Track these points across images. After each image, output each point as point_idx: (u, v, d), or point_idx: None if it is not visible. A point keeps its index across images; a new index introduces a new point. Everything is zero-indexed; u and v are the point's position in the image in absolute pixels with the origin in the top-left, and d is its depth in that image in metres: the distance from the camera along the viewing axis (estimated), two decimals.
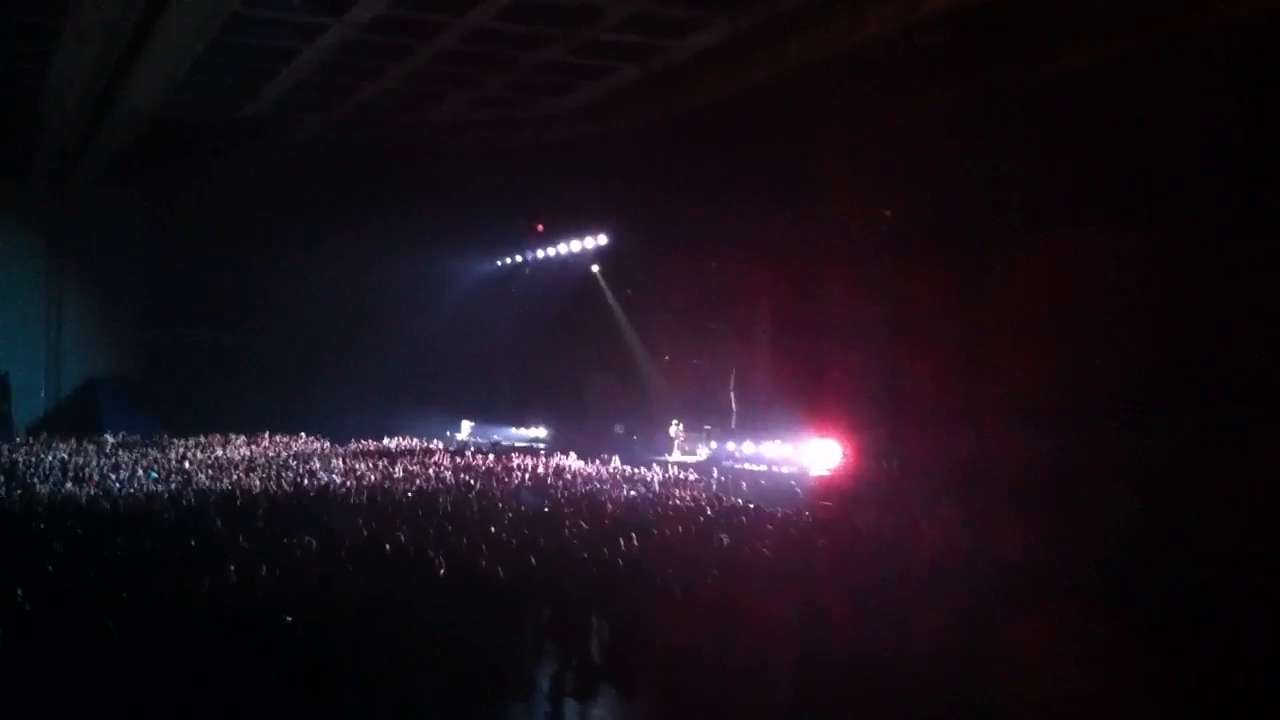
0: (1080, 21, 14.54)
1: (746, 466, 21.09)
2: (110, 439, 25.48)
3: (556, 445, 25.04)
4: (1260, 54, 13.26)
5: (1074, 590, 9.54)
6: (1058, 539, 11.55)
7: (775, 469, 20.31)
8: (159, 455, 22.43)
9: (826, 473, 18.45)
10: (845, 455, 18.44)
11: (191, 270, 30.49)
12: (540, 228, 29.22)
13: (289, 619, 8.65)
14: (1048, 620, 8.84)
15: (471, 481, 18.82)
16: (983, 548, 11.36)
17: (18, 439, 26.00)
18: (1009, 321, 15.81)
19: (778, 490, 17.96)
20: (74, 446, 23.77)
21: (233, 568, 10.02)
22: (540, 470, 20.25)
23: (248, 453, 23.60)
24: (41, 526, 13.08)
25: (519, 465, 21.01)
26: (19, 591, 8.62)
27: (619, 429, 25.10)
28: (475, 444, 27.84)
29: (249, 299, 30.54)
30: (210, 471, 20.06)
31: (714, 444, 23.13)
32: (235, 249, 29.90)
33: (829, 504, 16.05)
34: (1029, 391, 15.07)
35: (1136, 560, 10.74)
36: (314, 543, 11.56)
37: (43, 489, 17.78)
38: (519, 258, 30.30)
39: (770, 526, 13.43)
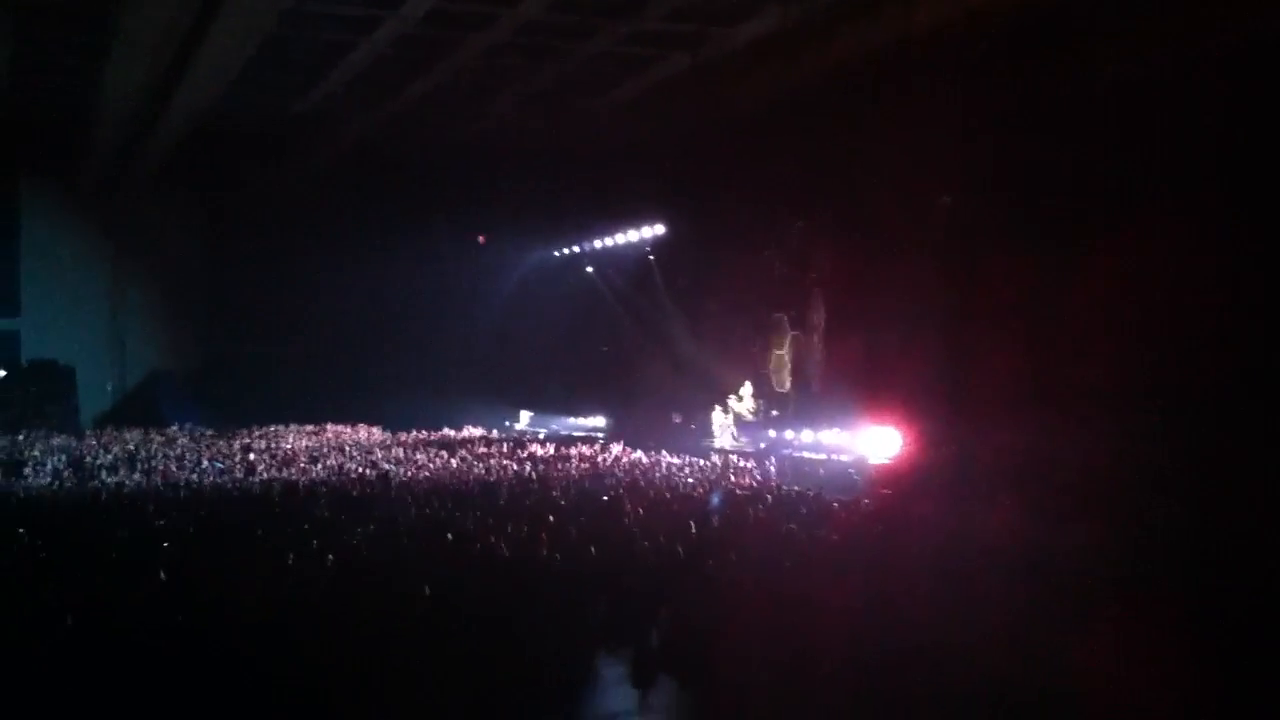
0: (1152, 22, 14.30)
1: (804, 455, 21.01)
2: (176, 431, 25.86)
3: (614, 434, 25.07)
4: None
5: (1138, 586, 9.42)
6: (1121, 534, 11.40)
7: (834, 457, 20.21)
8: (223, 446, 22.74)
9: (886, 461, 18.32)
10: (905, 443, 18.29)
11: (249, 263, 30.85)
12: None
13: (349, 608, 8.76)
14: (1110, 615, 8.74)
15: (530, 471, 18.98)
16: (1044, 540, 11.25)
17: (86, 431, 26.43)
18: (1077, 311, 15.59)
19: (836, 479, 17.89)
20: (140, 438, 24.14)
21: (291, 557, 10.18)
22: (600, 460, 20.34)
23: (308, 443, 23.87)
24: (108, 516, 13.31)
25: (578, 454, 21.11)
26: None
27: (677, 418, 25.07)
28: (533, 433, 27.97)
29: (307, 293, 30.77)
30: (272, 461, 20.31)
31: (771, 431, 23.05)
32: (293, 244, 30.24)
33: (888, 492, 15.97)
34: (1097, 382, 14.86)
35: (1203, 559, 10.56)
36: (374, 529, 11.70)
37: (110, 480, 18.12)
38: (576, 248, 30.30)
39: (831, 514, 13.42)
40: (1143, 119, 14.70)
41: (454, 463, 20.25)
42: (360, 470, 19.32)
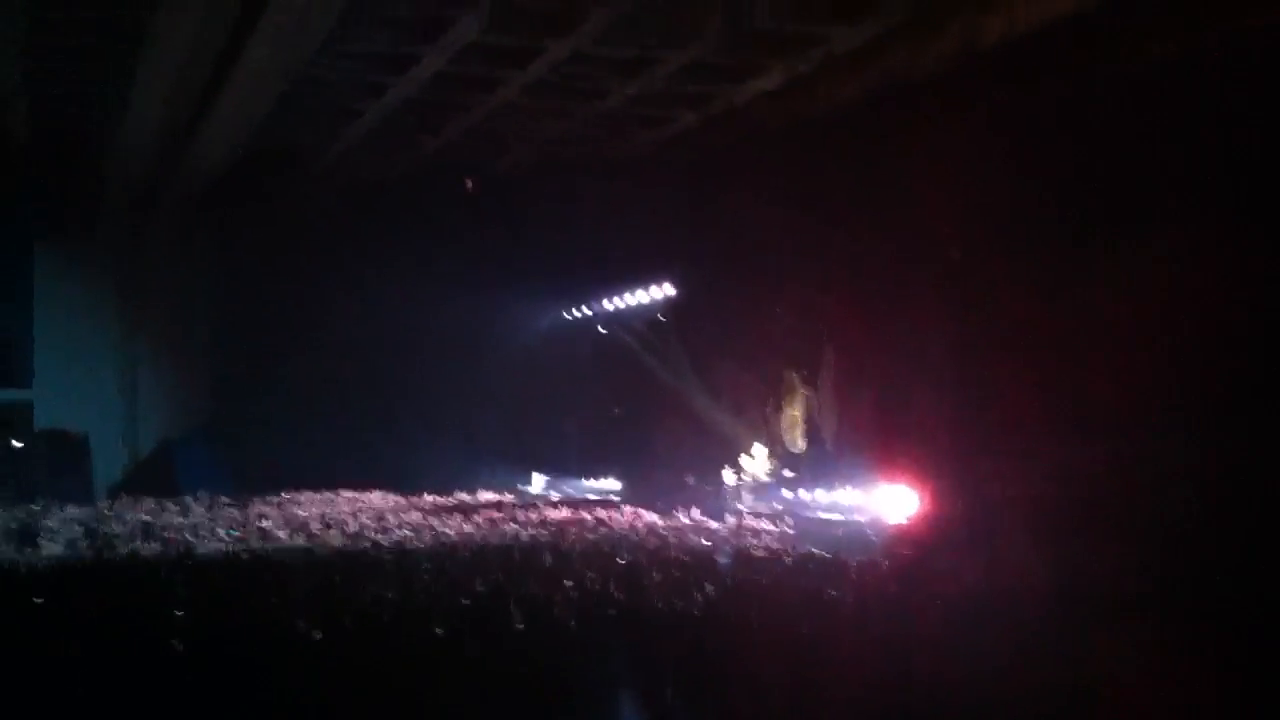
0: (1149, 23, 14.30)
1: (820, 515, 20.91)
2: (190, 500, 25.79)
3: (629, 497, 24.98)
4: None
5: (1173, 609, 9.34)
6: (1150, 557, 11.29)
7: (850, 517, 20.11)
8: (237, 514, 22.68)
9: (904, 520, 18.21)
10: (922, 502, 18.18)
11: (261, 321, 30.80)
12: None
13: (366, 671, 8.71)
14: (1144, 644, 8.65)
15: (544, 535, 18.94)
16: (1072, 571, 11.17)
17: (99, 503, 26.36)
18: (1092, 342, 15.49)
19: (853, 539, 17.78)
20: (154, 507, 24.09)
21: (300, 622, 10.16)
22: (615, 523, 20.28)
23: (323, 510, 23.81)
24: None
25: (593, 517, 21.05)
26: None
27: (690, 479, 24.97)
28: (547, 496, 27.87)
29: (319, 356, 30.72)
30: (287, 529, 20.26)
31: (786, 491, 22.95)
32: (302, 299, 30.16)
33: (906, 552, 15.86)
34: (1120, 412, 14.72)
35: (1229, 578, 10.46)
36: (390, 595, 11.65)
37: (124, 550, 18.08)
38: (587, 309, 30.35)
39: (848, 575, 13.34)
40: (1149, 136, 14.66)
41: (469, 528, 20.18)
42: (373, 535, 19.29)
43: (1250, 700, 7.74)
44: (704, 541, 17.54)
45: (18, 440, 29.67)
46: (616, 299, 28.97)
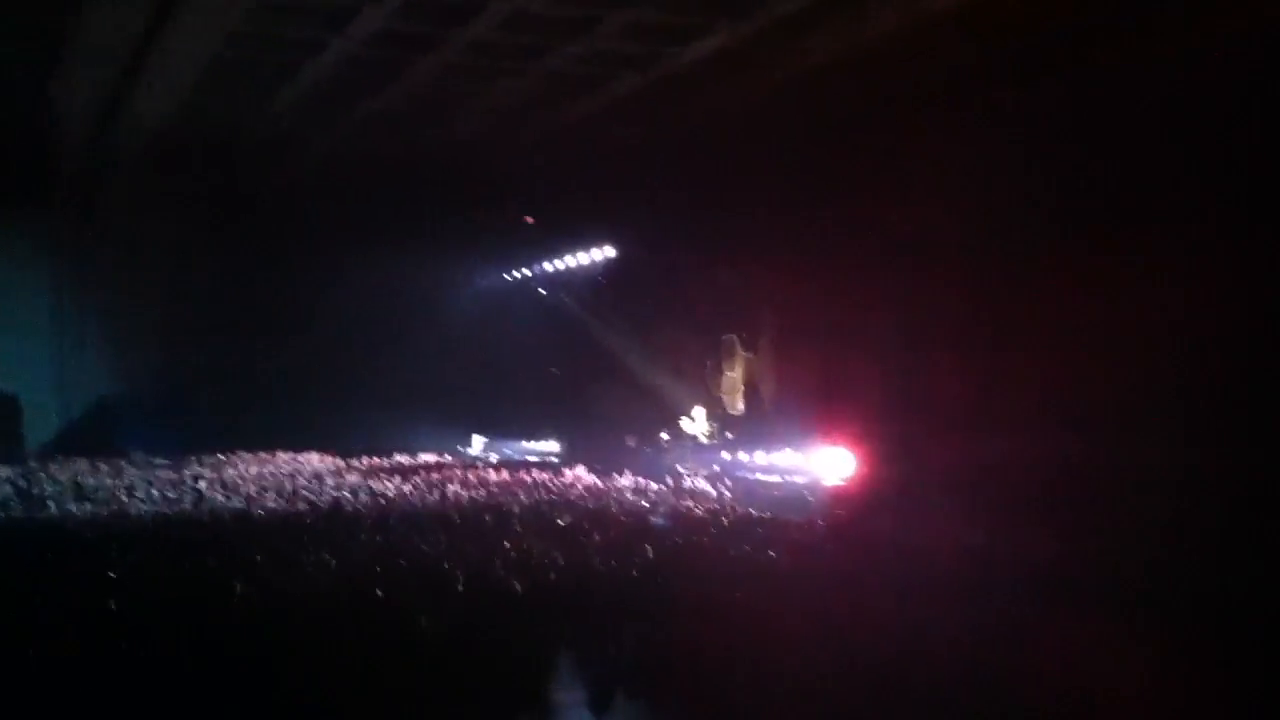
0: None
1: (758, 477, 21.07)
2: (123, 461, 25.48)
3: (569, 459, 25.02)
4: None
5: (1099, 597, 9.54)
6: (1082, 544, 11.52)
7: (787, 478, 20.28)
8: (172, 475, 22.45)
9: (840, 482, 18.40)
10: (859, 464, 18.38)
11: (196, 289, 30.55)
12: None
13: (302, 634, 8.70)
14: (1069, 626, 8.84)
15: (484, 496, 18.94)
16: (1002, 552, 11.36)
17: (30, 462, 26.00)
18: (1031, 325, 15.72)
19: (791, 500, 17.94)
20: (87, 468, 23.79)
21: (238, 586, 10.12)
22: (555, 485, 20.31)
23: (260, 470, 23.62)
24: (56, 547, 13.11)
25: (534, 480, 21.06)
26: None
27: (630, 441, 25.06)
28: (487, 458, 27.85)
29: (255, 318, 30.49)
30: (223, 490, 20.08)
31: (725, 453, 23.09)
32: (242, 269, 30.03)
33: (842, 513, 16.04)
34: (1052, 396, 14.99)
35: (1166, 566, 10.69)
36: (331, 559, 11.61)
37: (57, 510, 17.87)
38: (527, 270, 30.28)
39: (785, 535, 13.49)
40: (1106, 129, 14.79)
41: (408, 489, 20.11)
42: (312, 497, 19.15)
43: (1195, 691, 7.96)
44: (643, 503, 17.61)
45: None
46: (557, 261, 28.91)
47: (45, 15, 18.20)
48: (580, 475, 21.38)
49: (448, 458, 27.40)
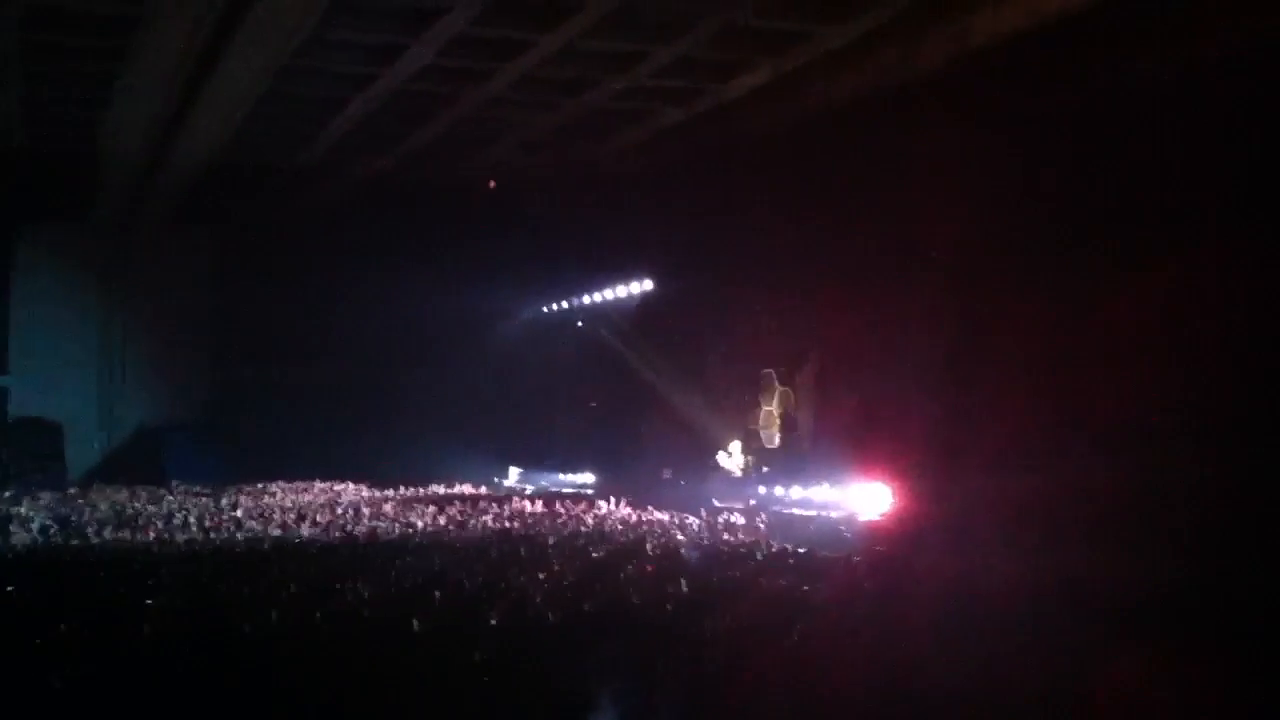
0: (1151, 28, 14.26)
1: (794, 511, 20.94)
2: (163, 489, 25.70)
3: (604, 491, 24.97)
4: None
5: (1158, 622, 9.41)
6: (1139, 570, 11.36)
7: (824, 513, 20.14)
8: (210, 503, 22.60)
9: (878, 517, 18.26)
10: (897, 498, 18.24)
11: (247, 313, 30.84)
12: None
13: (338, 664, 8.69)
14: (1128, 652, 8.72)
15: (519, 527, 18.94)
16: (1052, 582, 11.21)
17: (71, 490, 26.26)
18: (1078, 358, 15.53)
19: (827, 535, 17.82)
20: (127, 496, 24.00)
21: (274, 613, 10.15)
22: (591, 518, 20.28)
23: (296, 500, 23.74)
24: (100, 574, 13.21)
25: (569, 512, 21.04)
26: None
27: (667, 474, 25.00)
28: (522, 489, 27.86)
29: (299, 342, 30.79)
30: (260, 519, 20.18)
31: (761, 487, 22.97)
32: (288, 292, 30.29)
33: (880, 548, 15.90)
34: (1097, 427, 14.78)
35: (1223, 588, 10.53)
36: (365, 590, 11.61)
37: (96, 539, 18.00)
38: (565, 303, 30.35)
39: (821, 570, 13.39)
40: (1146, 146, 14.64)
41: (443, 520, 20.14)
42: (347, 526, 19.23)
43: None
44: (678, 536, 17.54)
45: None
46: (596, 294, 28.97)
47: (101, 44, 18.46)
48: (615, 508, 21.34)
49: (483, 489, 27.43)
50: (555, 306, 30.91)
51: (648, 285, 26.76)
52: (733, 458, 23.91)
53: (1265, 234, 13.42)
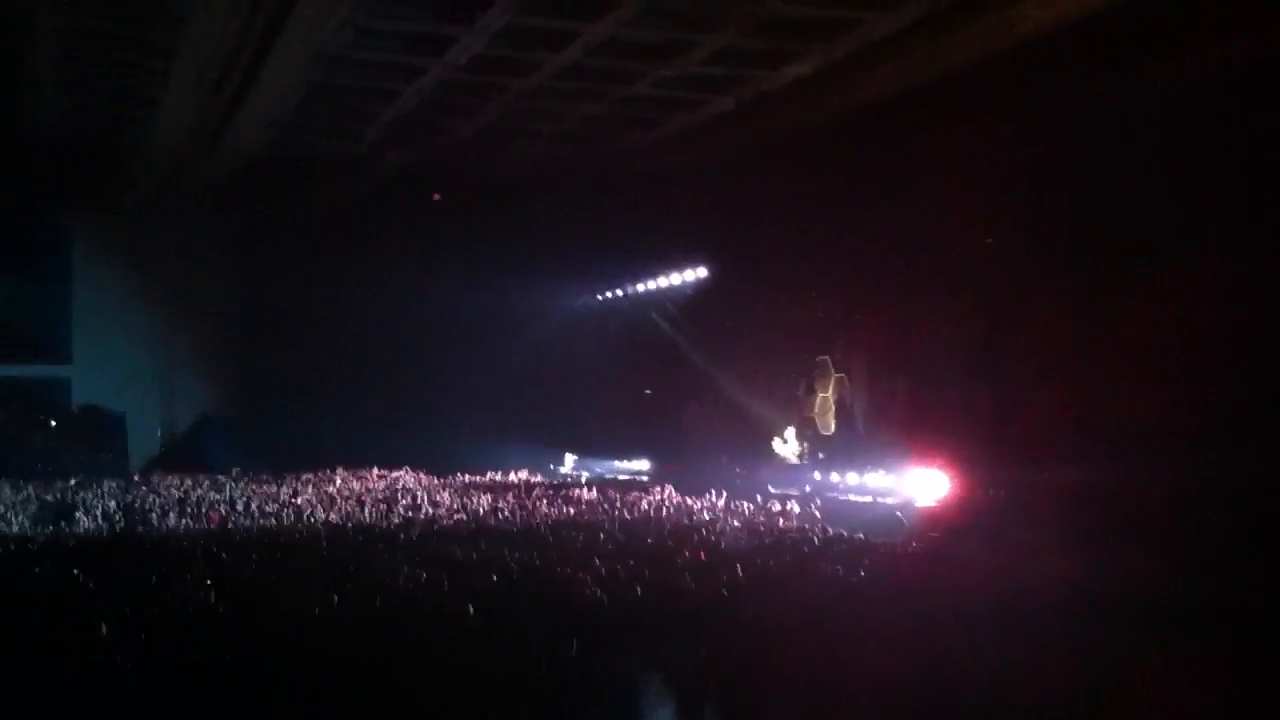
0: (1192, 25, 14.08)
1: (850, 497, 20.92)
2: (222, 477, 26.06)
3: (660, 478, 25.06)
4: None
5: (1191, 620, 9.35)
6: (1174, 567, 11.29)
7: (880, 499, 20.11)
8: (272, 490, 22.91)
9: (933, 504, 18.21)
10: (952, 485, 18.18)
11: (295, 303, 31.11)
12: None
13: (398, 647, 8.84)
14: (1164, 651, 8.68)
15: (574, 514, 19.07)
16: (1092, 577, 11.16)
17: (135, 477, 26.70)
18: (1123, 347, 15.42)
19: (882, 521, 17.79)
20: (190, 484, 24.37)
21: (335, 596, 10.33)
22: (645, 504, 20.36)
23: (356, 486, 24.01)
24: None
25: (624, 499, 21.14)
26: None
27: (722, 460, 25.04)
28: (578, 476, 28.00)
29: (353, 334, 31.07)
30: (321, 506, 20.45)
31: (816, 474, 22.97)
32: (339, 283, 30.52)
33: (935, 534, 15.87)
34: (1146, 416, 14.68)
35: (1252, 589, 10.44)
36: (424, 573, 11.77)
37: (161, 525, 18.34)
38: (621, 289, 30.41)
39: (876, 556, 13.38)
40: (1186, 145, 14.51)
41: (500, 505, 20.31)
42: (407, 513, 19.45)
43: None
44: (733, 522, 17.58)
45: (54, 417, 30.12)
46: (649, 282, 29.02)
47: (156, 34, 18.72)
48: (671, 494, 21.41)
49: (539, 476, 27.58)
50: (610, 295, 30.98)
51: (701, 273, 26.77)
52: (788, 444, 23.92)
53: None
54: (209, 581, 11.19)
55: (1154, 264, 14.87)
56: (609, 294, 31.03)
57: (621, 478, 27.72)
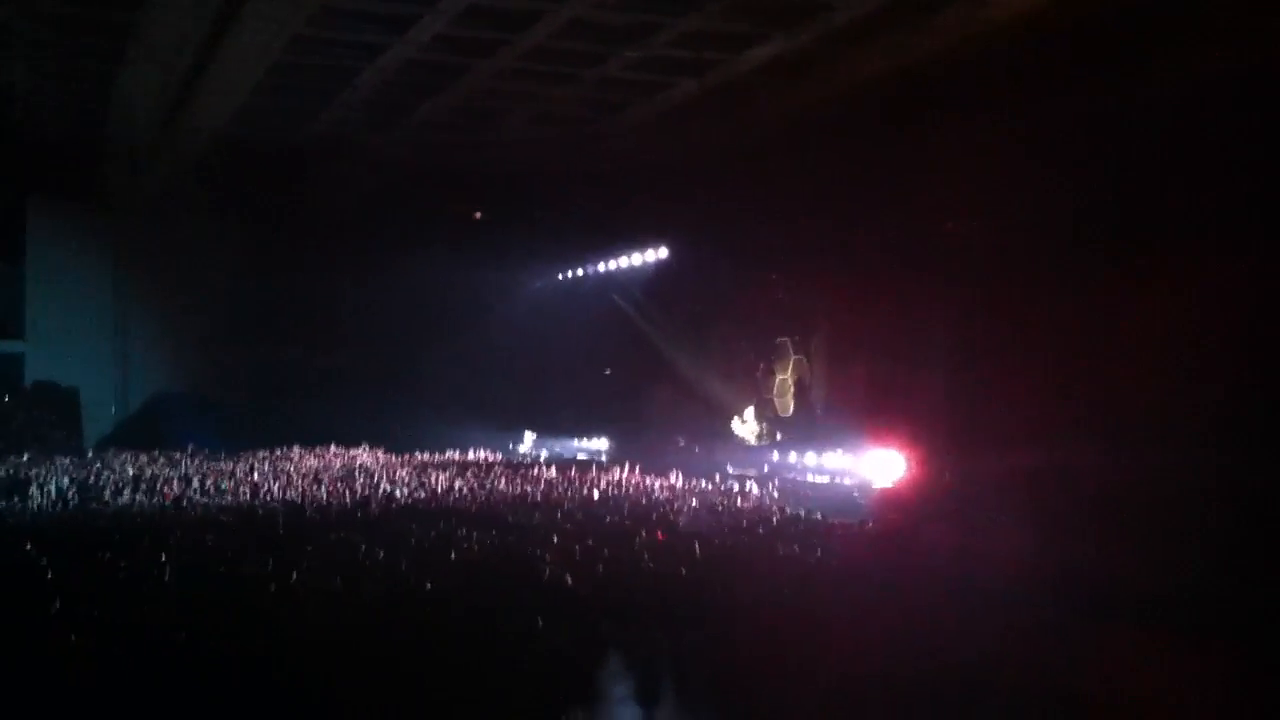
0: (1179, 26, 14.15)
1: (808, 478, 21.05)
2: (178, 455, 25.81)
3: (617, 457, 25.09)
4: None
5: (1146, 608, 9.48)
6: (1131, 555, 11.42)
7: (837, 480, 20.24)
8: (227, 468, 22.73)
9: (891, 485, 18.34)
10: (910, 467, 18.31)
11: (253, 285, 30.97)
12: None
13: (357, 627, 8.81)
14: (1111, 636, 8.80)
15: (534, 492, 19.06)
16: (1047, 563, 11.28)
17: (88, 453, 26.43)
18: (1090, 332, 15.53)
19: (840, 502, 17.92)
20: (144, 461, 24.12)
21: (295, 575, 10.28)
22: (603, 483, 20.36)
23: (314, 464, 23.88)
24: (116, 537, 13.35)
25: (582, 478, 21.13)
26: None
27: (680, 441, 25.11)
28: (537, 456, 27.98)
29: (311, 316, 30.92)
30: (277, 483, 20.31)
31: (775, 454, 23.08)
32: (298, 267, 30.38)
33: (892, 516, 16.00)
34: (1111, 403, 14.80)
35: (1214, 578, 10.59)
36: (381, 551, 11.75)
37: (115, 503, 18.16)
38: (579, 271, 30.40)
39: (834, 537, 13.49)
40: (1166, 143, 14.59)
41: (459, 484, 20.25)
42: (364, 491, 19.35)
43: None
44: (691, 502, 17.64)
45: (6, 393, 29.76)
46: (610, 262, 29.01)
47: (111, 13, 18.48)
48: (629, 474, 21.44)
49: (498, 455, 27.55)
50: (569, 275, 30.97)
51: (662, 254, 26.78)
52: (746, 425, 24.02)
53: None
54: (163, 557, 11.12)
55: (1114, 248, 14.98)
56: (569, 274, 30.99)
57: (581, 457, 27.73)
